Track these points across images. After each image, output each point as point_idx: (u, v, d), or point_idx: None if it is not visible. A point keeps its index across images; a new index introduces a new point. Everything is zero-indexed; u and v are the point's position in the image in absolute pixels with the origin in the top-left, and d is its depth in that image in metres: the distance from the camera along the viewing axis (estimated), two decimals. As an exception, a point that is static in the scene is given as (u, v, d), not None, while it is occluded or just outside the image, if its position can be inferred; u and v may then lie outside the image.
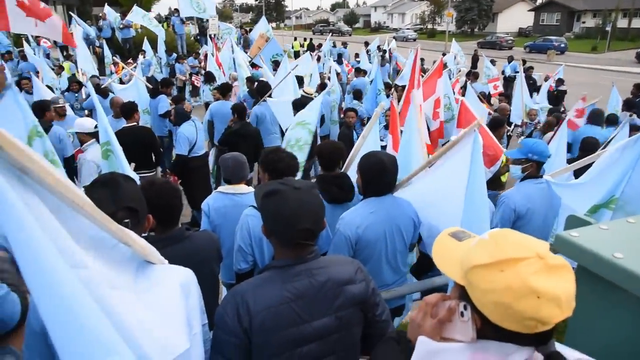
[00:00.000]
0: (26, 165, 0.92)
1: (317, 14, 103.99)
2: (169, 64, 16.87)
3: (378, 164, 2.78)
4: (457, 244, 1.21)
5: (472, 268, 1.07)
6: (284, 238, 1.69)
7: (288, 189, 1.67)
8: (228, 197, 3.34)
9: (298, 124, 5.49)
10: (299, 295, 1.65)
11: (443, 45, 36.53)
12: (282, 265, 1.70)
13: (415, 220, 2.95)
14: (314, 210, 1.68)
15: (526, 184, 3.60)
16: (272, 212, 1.68)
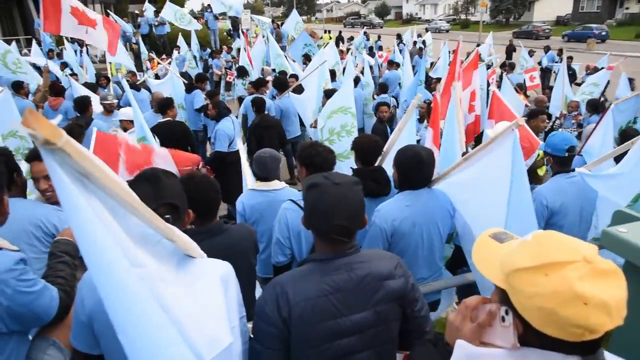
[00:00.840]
0: (88, 169, 0.96)
1: (348, 6, 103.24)
2: (203, 59, 17.13)
3: (415, 157, 2.76)
4: (498, 246, 1.18)
5: (514, 271, 1.03)
6: (320, 232, 1.71)
7: (329, 183, 1.67)
8: (262, 194, 3.37)
9: (339, 111, 5.39)
10: (338, 288, 1.66)
11: (477, 35, 35.70)
12: (322, 258, 1.72)
13: (450, 211, 2.93)
14: (352, 206, 1.67)
15: (557, 178, 3.48)
16: (310, 204, 1.70)
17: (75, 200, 0.93)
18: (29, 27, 23.04)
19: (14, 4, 24.97)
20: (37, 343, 1.97)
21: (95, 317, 1.55)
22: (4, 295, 1.72)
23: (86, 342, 1.63)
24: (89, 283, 1.60)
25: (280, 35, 19.66)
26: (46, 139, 0.85)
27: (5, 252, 1.82)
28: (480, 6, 41.53)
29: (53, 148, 0.87)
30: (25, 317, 1.82)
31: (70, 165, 0.93)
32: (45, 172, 2.59)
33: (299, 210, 2.81)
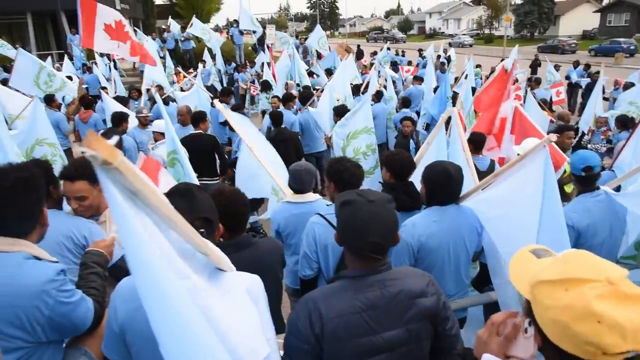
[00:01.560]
0: (138, 187, 1.00)
1: (371, 21, 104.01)
2: (228, 73, 17.42)
3: (443, 173, 2.76)
4: (535, 261, 1.20)
5: (538, 283, 1.07)
6: (353, 249, 1.72)
7: (362, 200, 1.68)
8: (297, 206, 3.41)
9: (363, 131, 5.45)
10: (371, 305, 1.66)
11: (501, 50, 35.46)
12: (355, 275, 1.72)
13: (478, 228, 2.91)
14: (385, 224, 1.68)
15: (582, 198, 3.38)
16: (344, 221, 1.71)
17: (126, 216, 0.97)
18: (62, 42, 23.81)
19: (48, 19, 25.89)
20: (70, 352, 2.02)
21: (127, 327, 1.59)
22: (46, 306, 1.77)
23: (118, 352, 1.67)
24: (122, 294, 1.64)
25: (307, 51, 19.92)
26: (104, 160, 0.89)
27: (46, 263, 1.88)
28: (504, 21, 41.28)
29: (109, 168, 0.91)
30: (63, 327, 1.87)
31: (122, 183, 0.97)
32: (76, 194, 2.60)
33: (327, 225, 2.83)
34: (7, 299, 1.72)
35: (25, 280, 1.76)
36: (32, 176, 1.90)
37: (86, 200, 2.61)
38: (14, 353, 1.75)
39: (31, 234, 1.91)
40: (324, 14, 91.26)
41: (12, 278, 1.75)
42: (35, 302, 1.75)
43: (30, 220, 1.90)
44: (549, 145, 2.41)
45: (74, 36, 18.11)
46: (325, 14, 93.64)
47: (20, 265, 1.78)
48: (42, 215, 1.95)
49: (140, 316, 1.55)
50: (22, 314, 1.74)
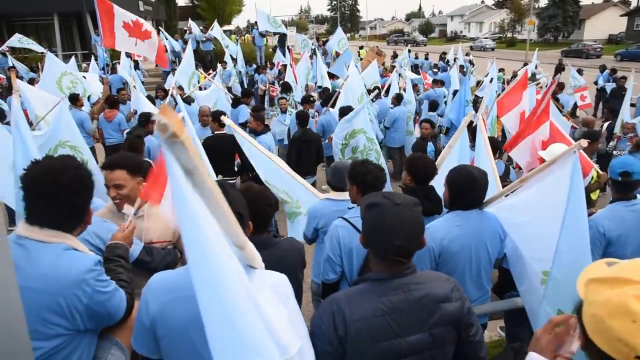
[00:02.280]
0: (196, 165, 1.02)
1: (391, 24, 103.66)
2: (249, 74, 17.54)
3: (468, 177, 2.73)
4: (605, 269, 1.20)
5: (590, 280, 1.09)
6: (379, 252, 1.71)
7: (389, 203, 1.68)
8: (338, 203, 3.43)
9: (359, 132, 5.75)
10: (394, 309, 1.65)
11: (523, 54, 35.00)
12: (378, 278, 1.71)
13: (500, 234, 2.87)
14: (411, 227, 1.67)
15: (615, 206, 3.29)
16: (369, 224, 1.70)
17: (184, 192, 1.00)
18: (87, 42, 24.29)
19: (74, 20, 26.45)
20: (102, 343, 2.07)
21: (158, 321, 1.62)
22: (85, 294, 1.83)
23: (147, 345, 1.70)
24: (154, 288, 1.67)
25: (326, 53, 19.96)
26: (174, 132, 0.92)
27: (84, 254, 1.94)
28: (527, 24, 40.70)
29: (176, 141, 0.94)
30: (99, 315, 1.92)
31: (183, 160, 0.99)
32: (115, 181, 2.74)
33: (351, 228, 2.81)
34: (49, 287, 1.77)
35: (65, 269, 1.81)
36: (87, 175, 1.97)
37: (123, 188, 2.74)
38: (54, 340, 1.81)
39: (75, 230, 1.97)
40: (344, 16, 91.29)
41: (54, 267, 1.81)
42: (75, 291, 1.81)
43: (78, 218, 1.98)
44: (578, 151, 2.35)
45: (97, 37, 18.45)
46: (346, 17, 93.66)
47: (61, 255, 1.84)
48: (88, 214, 2.02)
49: (172, 311, 1.60)
50: (62, 301, 1.79)
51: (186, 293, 1.59)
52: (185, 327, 1.60)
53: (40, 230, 1.86)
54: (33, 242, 1.83)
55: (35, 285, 1.75)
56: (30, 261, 1.79)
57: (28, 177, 1.91)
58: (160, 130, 0.93)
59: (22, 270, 1.74)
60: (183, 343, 1.61)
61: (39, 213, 1.89)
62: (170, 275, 1.74)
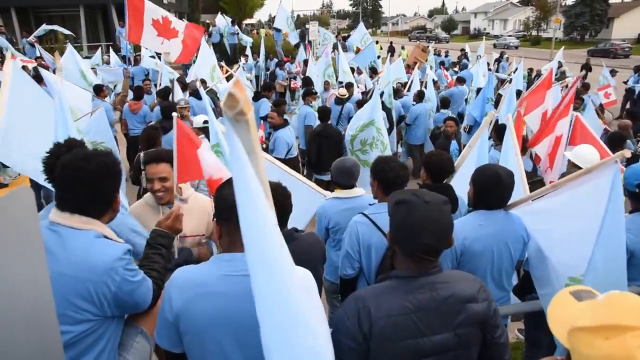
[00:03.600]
0: (255, 147, 1.02)
1: (413, 20, 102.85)
2: (268, 69, 17.58)
3: (493, 176, 2.70)
4: (574, 304, 1.12)
5: (574, 330, 0.99)
6: (406, 249, 1.69)
7: (418, 201, 1.66)
8: (345, 202, 3.42)
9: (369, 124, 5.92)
10: (420, 307, 1.64)
11: (548, 53, 34.34)
12: (405, 275, 1.70)
13: (524, 237, 2.83)
14: (440, 226, 1.66)
15: (636, 217, 3.12)
16: (398, 221, 1.69)
17: (246, 170, 1.00)
18: (111, 34, 24.63)
19: (99, 12, 26.85)
20: (127, 330, 2.11)
21: (182, 316, 1.64)
22: (113, 282, 1.86)
23: (169, 340, 1.72)
24: (178, 284, 1.69)
25: (346, 48, 19.86)
26: (242, 109, 0.93)
27: (114, 242, 1.98)
28: (553, 22, 39.88)
29: (241, 119, 0.95)
30: (125, 304, 1.96)
31: (244, 139, 0.99)
32: (160, 174, 2.86)
33: (370, 224, 2.80)
34: (79, 274, 1.81)
35: (96, 256, 1.85)
36: (114, 162, 2.02)
37: (168, 181, 2.88)
38: (83, 324, 1.85)
39: (103, 216, 2.01)
40: (366, 11, 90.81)
41: (85, 254, 1.85)
42: (104, 278, 1.84)
43: (105, 204, 2.01)
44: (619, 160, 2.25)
45: (122, 29, 18.70)
46: (368, 12, 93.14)
47: (92, 242, 1.88)
48: (116, 200, 2.06)
49: (196, 307, 1.61)
50: (91, 288, 1.82)
51: (211, 289, 1.63)
52: (210, 323, 1.61)
53: (71, 216, 1.90)
54: (65, 229, 1.88)
55: (67, 271, 1.79)
56: (63, 247, 1.83)
57: (58, 164, 1.96)
58: (228, 107, 0.93)
59: (55, 255, 1.79)
60: (207, 339, 1.63)
61: (68, 199, 1.93)
62: (194, 270, 1.75)
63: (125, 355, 2.06)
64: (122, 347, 2.07)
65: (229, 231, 1.70)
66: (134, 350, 2.08)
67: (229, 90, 0.93)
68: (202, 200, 3.11)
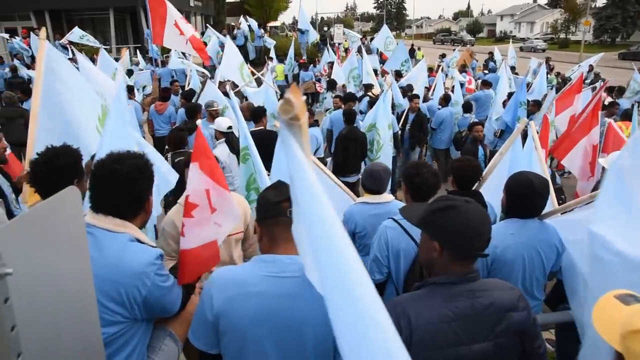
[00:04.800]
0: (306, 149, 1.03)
1: (438, 22, 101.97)
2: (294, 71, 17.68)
3: (525, 184, 2.66)
4: (622, 308, 1.11)
5: (631, 332, 0.98)
6: (462, 250, 1.68)
7: (463, 203, 1.68)
8: (374, 207, 3.39)
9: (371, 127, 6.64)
10: (461, 315, 1.62)
11: (577, 56, 33.64)
12: (444, 282, 1.69)
13: (558, 248, 2.77)
14: (488, 229, 1.70)
15: None
16: (452, 225, 1.67)
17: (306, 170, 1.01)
18: (140, 36, 25.12)
19: (128, 15, 27.42)
20: (156, 333, 2.14)
21: (222, 315, 1.64)
22: (144, 286, 1.88)
23: (206, 339, 1.73)
24: (218, 283, 1.70)
25: (370, 50, 19.84)
26: (296, 114, 0.96)
27: (147, 246, 1.99)
28: (583, 25, 39.04)
29: (295, 123, 0.97)
30: (154, 308, 1.98)
31: (298, 142, 1.02)
32: None
33: (400, 230, 2.78)
34: (112, 276, 1.83)
35: (129, 260, 1.87)
36: (145, 164, 2.03)
37: None
38: (114, 326, 1.87)
39: (135, 218, 2.03)
40: (390, 14, 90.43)
41: (118, 257, 1.87)
42: (136, 282, 1.86)
43: (137, 206, 2.03)
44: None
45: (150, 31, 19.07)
46: (392, 14, 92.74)
47: (126, 245, 1.90)
48: (148, 202, 2.08)
49: (237, 306, 1.62)
50: (123, 291, 1.85)
51: (250, 289, 1.63)
52: (250, 322, 1.62)
53: (105, 218, 1.92)
54: (100, 231, 1.90)
55: (100, 273, 1.80)
56: (98, 249, 1.84)
57: (93, 166, 2.00)
58: (284, 111, 0.96)
59: (92, 257, 1.82)
60: (248, 338, 1.63)
61: (101, 200, 1.95)
62: (234, 270, 1.77)
63: (154, 357, 2.09)
64: (150, 349, 2.09)
65: (270, 232, 1.70)
66: (162, 352, 2.11)
67: (285, 97, 0.96)
68: (238, 198, 3.09)
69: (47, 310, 1.18)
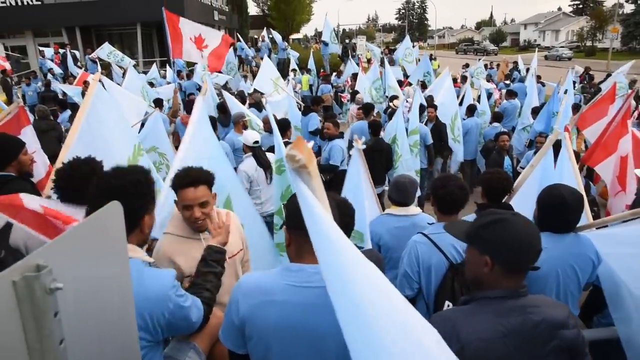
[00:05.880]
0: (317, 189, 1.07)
1: (460, 32, 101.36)
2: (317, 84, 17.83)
3: (557, 198, 2.60)
4: None
5: None
6: (515, 263, 1.67)
7: (511, 216, 1.69)
8: (400, 219, 3.38)
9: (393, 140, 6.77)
10: (513, 331, 1.59)
11: (604, 64, 32.94)
12: (495, 296, 1.67)
13: (594, 260, 2.69)
14: (538, 232, 1.71)
15: None
16: (503, 237, 1.66)
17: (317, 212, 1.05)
18: (166, 50, 25.67)
19: (154, 29, 28.06)
20: (180, 346, 2.18)
21: (247, 321, 1.68)
22: (168, 310, 1.91)
23: (233, 341, 1.77)
24: (245, 289, 1.73)
25: (393, 61, 19.85)
26: (305, 163, 1.00)
27: (161, 270, 2.03)
28: (610, 32, 38.27)
29: (304, 170, 1.02)
30: (178, 327, 2.02)
31: (309, 185, 1.06)
32: (200, 199, 2.53)
33: (431, 245, 2.75)
34: (137, 304, 1.82)
35: (150, 286, 1.88)
36: (144, 181, 1.99)
37: (208, 206, 2.56)
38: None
39: (130, 236, 1.90)
40: (412, 24, 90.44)
41: (138, 285, 1.81)
42: (160, 307, 1.89)
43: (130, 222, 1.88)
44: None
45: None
46: (414, 25, 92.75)
47: (142, 272, 1.90)
48: (143, 221, 1.99)
49: (262, 313, 1.65)
50: (147, 317, 1.86)
51: (276, 297, 1.65)
52: (274, 330, 1.64)
53: None
54: None
55: None
56: None
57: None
58: (291, 160, 1.00)
59: None
60: (273, 345, 1.66)
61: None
62: (260, 277, 1.79)
63: None
64: None
65: (298, 241, 1.71)
66: None
67: (287, 152, 1.01)
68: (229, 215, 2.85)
69: (90, 325, 1.20)
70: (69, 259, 1.06)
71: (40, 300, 0.94)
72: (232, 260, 2.71)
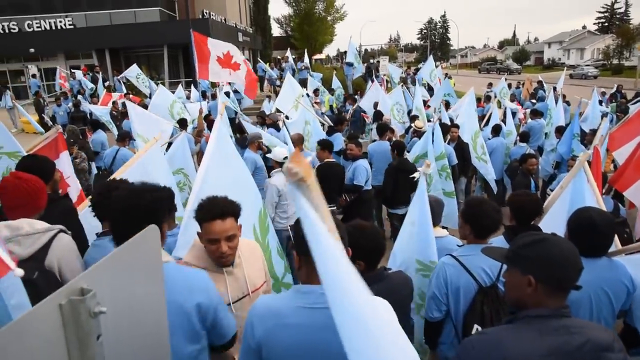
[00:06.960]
0: (318, 204, 1.11)
1: (483, 52, 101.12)
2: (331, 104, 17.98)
3: (586, 221, 2.55)
4: None
5: None
6: (559, 281, 1.68)
7: (550, 236, 1.72)
8: None
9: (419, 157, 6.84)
10: (557, 351, 1.57)
11: (632, 82, 32.33)
12: (539, 315, 1.66)
13: (629, 287, 2.62)
14: (577, 251, 1.73)
15: None
16: (547, 256, 1.68)
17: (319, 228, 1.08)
18: (191, 70, 26.31)
19: (180, 51, 28.80)
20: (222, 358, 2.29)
21: (264, 344, 1.71)
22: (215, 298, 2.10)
23: None
24: (259, 312, 1.77)
25: (415, 82, 19.91)
26: (304, 177, 1.04)
27: (191, 268, 2.22)
28: (637, 49, 37.64)
29: (303, 184, 1.05)
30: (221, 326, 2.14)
31: (308, 197, 1.09)
32: (228, 232, 2.33)
33: (459, 266, 2.73)
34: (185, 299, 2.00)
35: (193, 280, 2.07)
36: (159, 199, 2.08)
37: (235, 239, 2.40)
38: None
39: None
40: (434, 44, 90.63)
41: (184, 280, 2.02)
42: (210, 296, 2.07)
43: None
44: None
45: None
46: (436, 45, 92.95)
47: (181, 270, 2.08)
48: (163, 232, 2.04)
49: (276, 337, 1.69)
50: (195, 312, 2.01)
51: (286, 320, 1.70)
52: (289, 354, 1.68)
53: None
54: None
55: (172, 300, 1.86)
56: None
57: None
58: (290, 174, 1.04)
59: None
60: None
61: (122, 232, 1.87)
62: (273, 299, 1.86)
63: None
64: None
65: (308, 265, 1.71)
66: None
67: (285, 166, 1.06)
68: (252, 246, 2.82)
69: (128, 347, 1.23)
70: (110, 282, 1.10)
71: (85, 323, 0.98)
72: (255, 294, 2.56)
